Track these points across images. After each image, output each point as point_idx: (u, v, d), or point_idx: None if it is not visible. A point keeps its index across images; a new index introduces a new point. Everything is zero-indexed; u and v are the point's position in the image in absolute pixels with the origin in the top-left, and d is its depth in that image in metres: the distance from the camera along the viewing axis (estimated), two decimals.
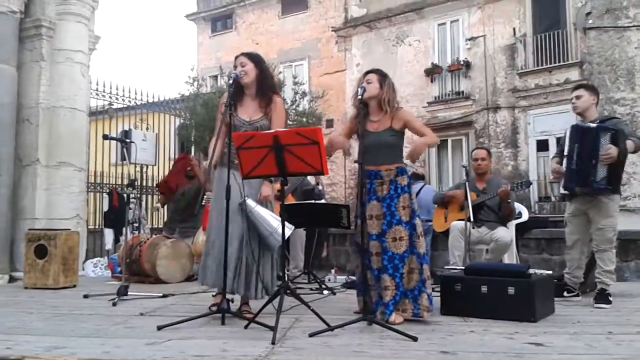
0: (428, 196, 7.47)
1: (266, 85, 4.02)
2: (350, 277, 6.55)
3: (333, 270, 7.18)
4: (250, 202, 3.80)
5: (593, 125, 4.54)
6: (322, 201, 6.94)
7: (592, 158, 4.41)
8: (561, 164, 4.73)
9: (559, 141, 5.14)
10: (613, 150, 4.35)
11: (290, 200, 6.10)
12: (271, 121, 3.95)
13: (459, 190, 5.76)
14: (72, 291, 5.60)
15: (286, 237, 3.91)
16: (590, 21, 13.72)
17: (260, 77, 3.98)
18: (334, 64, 18.36)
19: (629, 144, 4.47)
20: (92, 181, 9.40)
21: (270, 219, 3.77)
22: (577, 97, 4.79)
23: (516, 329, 3.45)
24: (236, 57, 4.03)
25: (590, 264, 4.83)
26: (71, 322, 3.79)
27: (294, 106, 13.86)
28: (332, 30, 18.32)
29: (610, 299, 4.48)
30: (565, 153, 4.61)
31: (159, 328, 3.37)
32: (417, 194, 7.89)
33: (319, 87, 16.49)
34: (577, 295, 4.82)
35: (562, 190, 4.78)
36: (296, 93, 13.97)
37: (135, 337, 3.23)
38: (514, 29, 15.11)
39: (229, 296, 3.70)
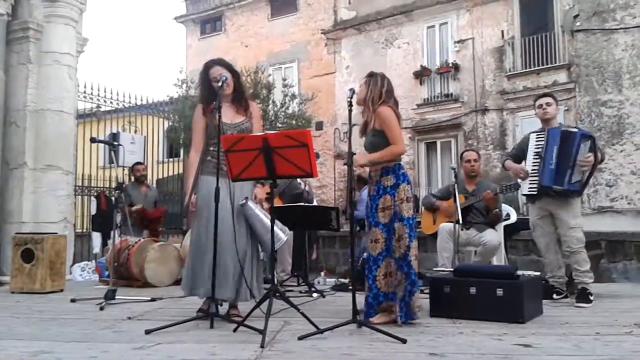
0: None
1: (241, 91, 4.13)
2: (339, 279, 6.55)
3: (322, 273, 7.18)
4: (252, 204, 3.81)
5: (575, 129, 4.82)
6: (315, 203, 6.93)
7: (569, 160, 4.63)
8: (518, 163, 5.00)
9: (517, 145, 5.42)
10: (592, 159, 4.61)
11: (278, 202, 6.08)
12: (252, 126, 4.02)
13: (448, 204, 5.77)
14: (59, 295, 5.55)
15: (284, 242, 3.93)
16: (578, 24, 13.82)
17: (236, 85, 4.06)
18: (323, 67, 18.37)
19: None
20: (80, 184, 9.34)
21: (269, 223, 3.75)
22: (548, 104, 4.95)
23: (505, 330, 3.46)
24: (210, 67, 4.02)
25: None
26: (58, 326, 3.76)
27: (283, 108, 13.87)
28: (322, 33, 18.33)
29: (591, 298, 4.53)
30: (536, 154, 4.80)
31: (147, 332, 3.35)
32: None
33: (309, 90, 16.53)
34: (566, 296, 4.85)
35: (528, 191, 4.89)
36: (285, 95, 13.99)
37: (123, 342, 3.21)
38: (502, 31, 15.19)
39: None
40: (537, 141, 4.87)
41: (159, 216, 7.64)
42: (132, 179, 7.71)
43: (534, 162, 4.82)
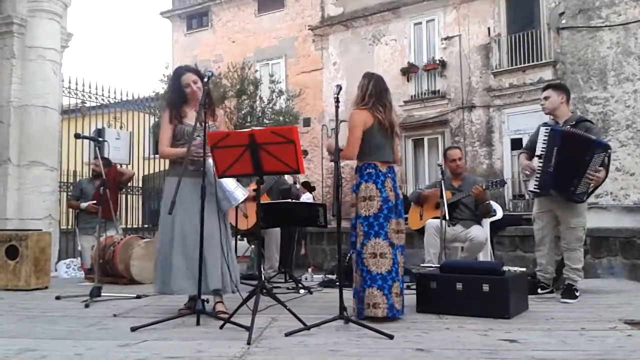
0: None
1: (210, 97, 4.14)
2: (327, 275, 6.55)
3: (310, 269, 7.17)
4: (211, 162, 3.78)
5: (592, 137, 4.46)
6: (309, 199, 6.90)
7: (577, 170, 4.39)
8: (530, 159, 4.77)
9: (530, 137, 5.13)
10: (602, 175, 4.40)
11: (265, 199, 6.07)
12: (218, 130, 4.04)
13: (434, 190, 5.79)
14: (44, 292, 5.50)
15: (241, 200, 3.94)
16: (564, 21, 13.89)
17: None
18: (310, 63, 18.35)
19: None
20: (65, 181, 9.25)
21: (229, 181, 3.82)
22: (546, 98, 4.83)
23: (490, 326, 3.48)
24: (182, 73, 4.10)
25: (562, 261, 4.89)
26: (43, 324, 3.73)
27: (270, 105, 13.83)
28: (309, 29, 18.31)
29: (577, 294, 4.56)
30: (539, 153, 4.61)
31: (133, 329, 3.33)
32: None
33: (296, 86, 16.49)
34: (551, 292, 4.88)
35: (533, 188, 4.74)
36: (273, 91, 13.94)
37: (108, 339, 3.18)
38: (488, 28, 15.26)
39: (203, 296, 3.69)
40: (543, 139, 4.61)
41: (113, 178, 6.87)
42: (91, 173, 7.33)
43: (539, 161, 4.63)
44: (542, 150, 4.59)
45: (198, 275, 3.58)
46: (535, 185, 4.70)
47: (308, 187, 9.90)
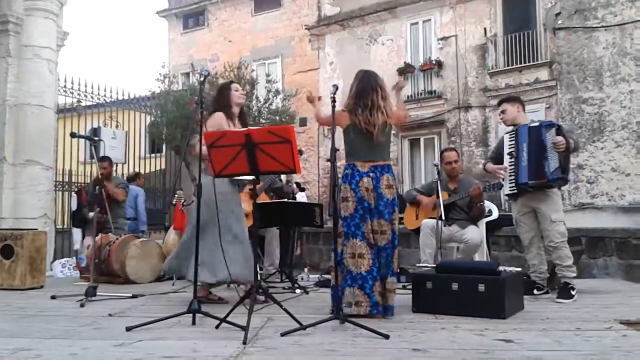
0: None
1: (244, 111, 4.78)
2: (323, 275, 6.55)
3: (306, 269, 7.17)
4: None
5: (537, 123, 4.85)
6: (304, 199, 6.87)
7: (542, 152, 4.67)
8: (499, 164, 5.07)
9: (494, 148, 5.54)
10: (561, 139, 4.61)
11: (264, 199, 6.06)
12: None
13: (431, 198, 5.79)
14: (39, 292, 5.49)
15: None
16: (560, 22, 13.92)
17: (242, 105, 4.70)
18: (307, 63, 18.34)
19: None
20: (60, 180, 9.23)
21: None
22: (503, 112, 5.13)
23: (486, 326, 3.48)
24: (230, 85, 4.68)
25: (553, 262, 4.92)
26: (38, 323, 3.71)
27: (266, 104, 13.81)
28: (306, 29, 18.29)
29: (573, 293, 4.57)
30: (509, 151, 4.89)
31: (128, 329, 3.31)
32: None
33: (292, 86, 16.45)
34: (547, 292, 4.90)
35: (509, 191, 4.96)
36: (269, 91, 13.91)
37: (104, 339, 3.18)
38: (485, 29, 15.27)
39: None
40: (509, 141, 4.97)
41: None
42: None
43: (509, 162, 4.91)
44: (510, 152, 4.91)
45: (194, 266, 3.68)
46: (511, 186, 4.92)
47: (299, 187, 9.95)
